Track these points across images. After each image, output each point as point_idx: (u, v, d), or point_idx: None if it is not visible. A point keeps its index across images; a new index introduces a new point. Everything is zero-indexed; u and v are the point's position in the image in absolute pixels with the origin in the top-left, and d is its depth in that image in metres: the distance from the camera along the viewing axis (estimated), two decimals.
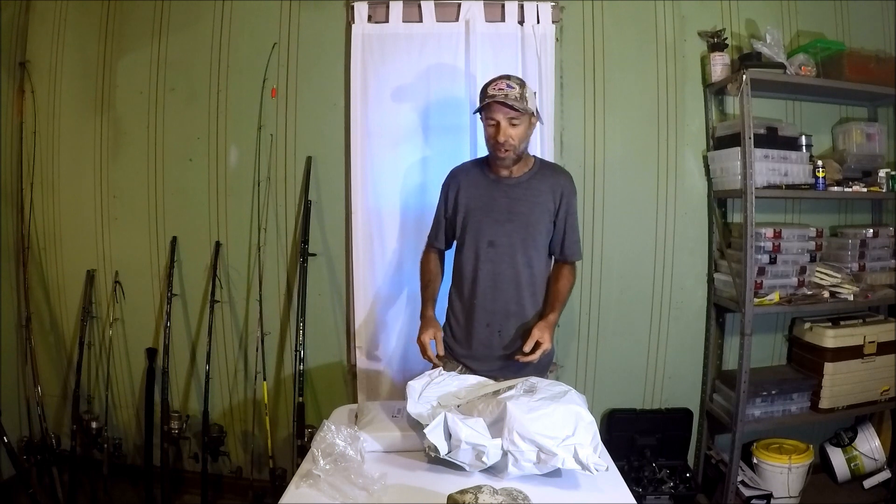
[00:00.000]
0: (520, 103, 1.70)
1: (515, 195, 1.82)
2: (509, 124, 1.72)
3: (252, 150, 2.58)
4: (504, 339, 1.82)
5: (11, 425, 2.54)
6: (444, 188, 1.95)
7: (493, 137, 1.74)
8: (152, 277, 2.71)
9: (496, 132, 1.73)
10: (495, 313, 1.81)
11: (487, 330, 1.82)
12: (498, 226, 1.81)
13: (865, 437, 2.65)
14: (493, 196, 1.83)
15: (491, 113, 1.72)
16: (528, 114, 1.74)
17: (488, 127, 1.76)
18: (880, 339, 2.53)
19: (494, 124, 1.73)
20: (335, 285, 2.65)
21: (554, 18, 2.50)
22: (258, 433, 2.70)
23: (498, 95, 1.69)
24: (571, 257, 1.91)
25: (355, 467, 1.25)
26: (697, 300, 2.70)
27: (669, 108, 2.62)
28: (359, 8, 2.49)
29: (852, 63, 2.46)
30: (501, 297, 1.81)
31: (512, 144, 1.74)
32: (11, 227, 2.74)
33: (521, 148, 1.77)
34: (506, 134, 1.72)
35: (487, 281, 1.81)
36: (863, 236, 2.55)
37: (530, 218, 1.81)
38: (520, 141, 1.75)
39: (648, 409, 2.69)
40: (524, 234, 1.81)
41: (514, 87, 1.71)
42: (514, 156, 1.77)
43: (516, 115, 1.71)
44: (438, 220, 1.98)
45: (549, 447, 1.24)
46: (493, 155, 1.79)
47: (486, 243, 1.81)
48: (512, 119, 1.72)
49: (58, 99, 2.71)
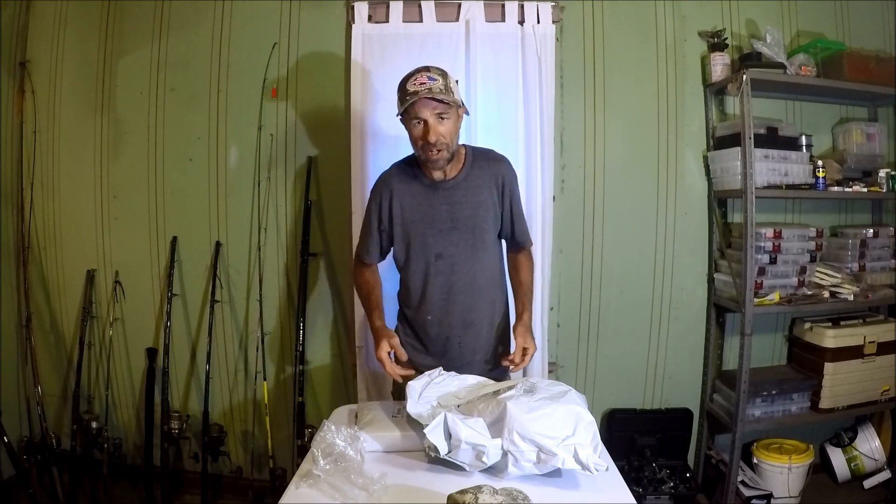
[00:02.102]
0: (446, 95, 1.54)
1: (455, 199, 1.67)
2: (438, 121, 1.55)
3: (252, 150, 2.58)
4: (464, 349, 1.73)
5: (11, 425, 2.54)
6: (376, 197, 1.74)
7: (421, 138, 1.57)
8: (152, 277, 2.71)
9: (425, 132, 1.55)
10: (453, 326, 1.71)
11: (447, 343, 1.72)
12: (443, 236, 1.67)
13: (865, 437, 2.65)
14: (432, 204, 1.68)
15: (416, 111, 1.54)
16: (455, 106, 1.59)
17: (414, 127, 1.58)
18: (880, 339, 2.53)
19: (421, 123, 1.56)
20: (335, 285, 2.65)
21: (554, 18, 2.50)
22: (258, 433, 2.70)
23: (421, 91, 1.52)
24: (524, 244, 1.83)
25: (355, 467, 1.25)
26: (697, 300, 2.70)
27: (669, 108, 2.62)
28: (359, 8, 2.49)
29: (852, 63, 2.46)
30: (457, 309, 1.70)
31: (444, 143, 1.57)
32: (11, 227, 2.74)
33: (453, 146, 1.62)
34: (436, 132, 1.55)
35: (440, 294, 1.70)
36: (863, 236, 2.55)
37: (475, 221, 1.69)
38: (451, 138, 1.59)
39: (648, 409, 2.69)
40: (471, 240, 1.69)
41: (436, 79, 1.55)
42: (447, 155, 1.60)
43: (444, 109, 1.55)
44: (369, 232, 1.76)
45: (549, 447, 1.23)
46: (425, 158, 1.61)
47: (433, 256, 1.68)
48: (440, 114, 1.55)
49: (58, 99, 2.71)
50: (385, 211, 1.72)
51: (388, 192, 1.71)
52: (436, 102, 1.54)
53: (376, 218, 1.74)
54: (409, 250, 1.72)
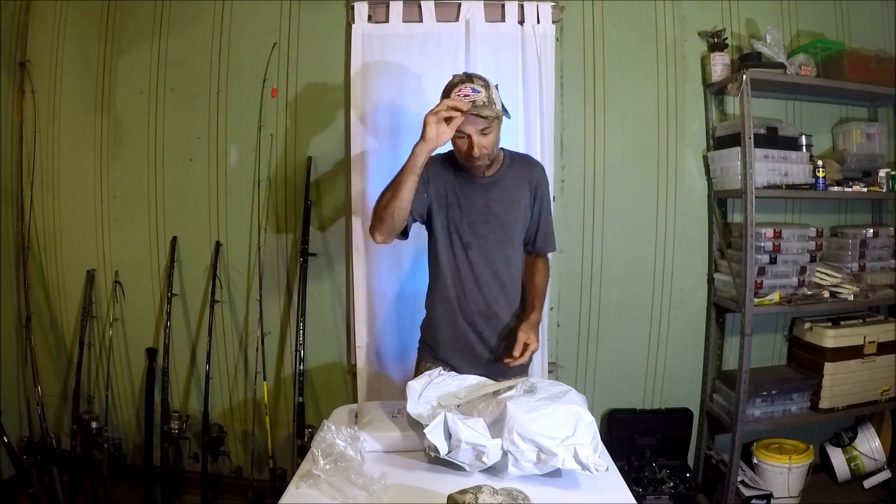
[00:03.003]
0: (490, 109, 1.55)
1: (491, 195, 1.73)
2: (481, 135, 1.58)
3: (252, 150, 2.57)
4: (485, 340, 1.77)
5: (11, 425, 2.54)
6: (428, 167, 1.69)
7: (465, 153, 1.61)
8: (152, 277, 2.71)
9: (469, 146, 1.59)
10: (475, 314, 1.76)
11: (469, 330, 1.77)
12: (474, 227, 1.73)
13: (865, 437, 2.65)
14: (469, 196, 1.73)
15: (460, 127, 1.55)
16: (498, 119, 1.60)
17: (459, 140, 1.60)
18: (880, 339, 2.53)
19: (465, 137, 1.58)
20: (335, 285, 2.65)
21: (554, 18, 2.50)
22: (258, 433, 2.70)
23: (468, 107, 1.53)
24: (544, 250, 1.85)
25: (355, 467, 1.25)
26: (697, 300, 2.70)
27: (669, 108, 2.62)
28: (359, 8, 2.49)
29: (852, 63, 2.46)
30: (481, 299, 1.75)
31: (486, 153, 1.62)
32: (11, 227, 2.74)
33: (494, 153, 1.67)
34: (479, 146, 1.58)
35: (468, 282, 1.75)
36: (863, 236, 2.55)
37: (507, 218, 1.74)
38: (493, 147, 1.64)
39: (648, 409, 2.69)
40: (501, 236, 1.74)
41: (479, 91, 1.55)
42: (488, 161, 1.67)
43: (487, 125, 1.57)
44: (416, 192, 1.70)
45: (549, 447, 1.24)
46: (468, 166, 1.67)
47: (462, 245, 1.73)
48: (483, 129, 1.57)
49: (58, 99, 2.71)
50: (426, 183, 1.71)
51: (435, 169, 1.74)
52: (481, 119, 1.56)
53: (423, 182, 1.70)
54: (439, 234, 1.75)
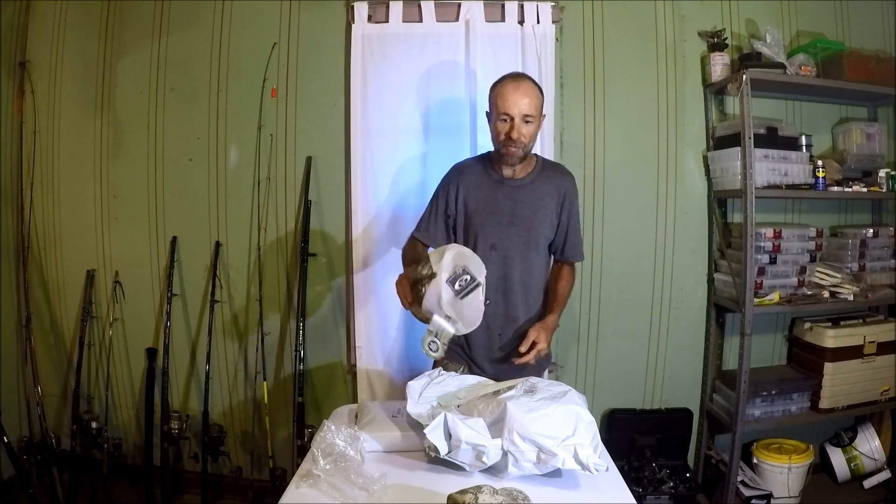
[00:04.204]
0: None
1: (519, 198, 1.79)
2: (524, 121, 1.70)
3: (252, 150, 2.58)
4: (503, 341, 1.80)
5: (11, 425, 2.54)
6: (447, 184, 1.86)
7: (505, 133, 1.71)
8: (152, 277, 2.71)
9: (510, 128, 1.70)
10: (496, 317, 1.78)
11: (487, 333, 1.78)
12: (500, 229, 1.77)
13: (865, 437, 2.65)
14: (496, 197, 1.79)
15: (505, 108, 1.70)
16: (540, 116, 1.75)
17: (501, 123, 1.72)
18: (880, 339, 2.53)
19: (508, 121, 1.70)
20: (335, 285, 2.65)
21: (554, 18, 2.50)
22: (258, 433, 2.70)
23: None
24: (572, 259, 1.90)
25: (355, 467, 1.25)
26: (697, 300, 2.70)
27: (669, 108, 2.62)
28: (359, 8, 2.49)
29: (852, 63, 2.46)
30: (502, 301, 1.78)
31: (523, 142, 1.71)
32: (11, 227, 2.74)
33: (529, 147, 1.76)
34: (519, 131, 1.69)
35: (491, 284, 1.75)
36: (863, 236, 2.55)
37: (533, 221, 1.79)
38: (530, 139, 1.73)
39: (648, 409, 2.69)
40: (526, 238, 1.78)
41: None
42: (521, 154, 1.74)
43: (532, 115, 1.70)
44: (434, 214, 1.86)
45: (549, 447, 1.23)
46: (503, 151, 1.75)
47: (487, 246, 1.77)
48: (526, 116, 1.70)
49: (58, 99, 2.71)
50: (453, 199, 1.83)
51: (459, 181, 1.83)
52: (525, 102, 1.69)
53: (444, 202, 1.84)
54: (467, 237, 1.81)
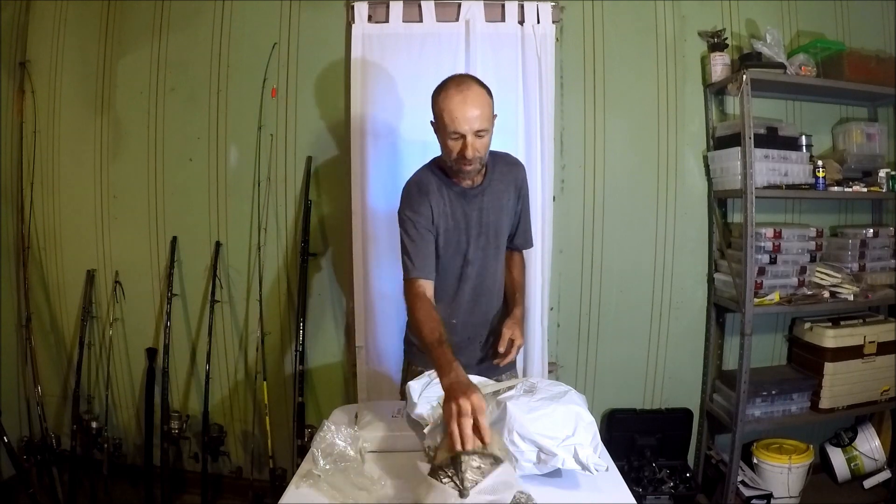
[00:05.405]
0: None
1: (483, 205, 1.67)
2: (476, 137, 1.51)
3: (252, 150, 2.58)
4: (482, 343, 1.77)
5: (11, 425, 2.54)
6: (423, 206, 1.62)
7: (457, 153, 1.52)
8: (152, 277, 2.71)
9: (463, 147, 1.51)
10: (476, 326, 1.75)
11: (468, 342, 1.75)
12: (472, 242, 1.68)
13: (865, 437, 2.65)
14: (464, 212, 1.66)
15: (456, 127, 1.49)
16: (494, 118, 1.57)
17: (453, 141, 1.52)
18: (880, 339, 2.53)
19: (460, 139, 1.51)
20: (335, 285, 2.65)
21: (554, 18, 2.50)
22: (258, 433, 2.70)
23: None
24: (522, 247, 1.86)
25: (355, 467, 1.25)
26: (697, 300, 2.70)
27: (669, 108, 2.62)
28: (359, 8, 2.49)
29: (852, 63, 2.46)
30: (481, 310, 1.75)
31: (479, 157, 1.54)
32: (11, 227, 2.74)
33: (486, 158, 1.60)
34: (474, 148, 1.51)
35: (468, 297, 1.72)
36: (863, 236, 2.55)
37: (499, 225, 1.71)
38: (485, 152, 1.57)
39: (648, 409, 2.69)
40: (495, 244, 1.72)
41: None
42: (479, 166, 1.59)
43: (484, 128, 1.51)
44: (423, 243, 1.62)
45: (549, 447, 1.23)
46: (458, 169, 1.57)
47: (463, 262, 1.69)
48: (479, 132, 1.51)
49: (58, 99, 2.71)
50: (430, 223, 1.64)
51: (429, 202, 1.63)
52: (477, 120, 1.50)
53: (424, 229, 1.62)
54: (443, 258, 1.68)
